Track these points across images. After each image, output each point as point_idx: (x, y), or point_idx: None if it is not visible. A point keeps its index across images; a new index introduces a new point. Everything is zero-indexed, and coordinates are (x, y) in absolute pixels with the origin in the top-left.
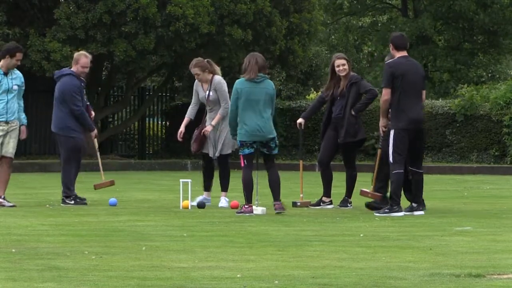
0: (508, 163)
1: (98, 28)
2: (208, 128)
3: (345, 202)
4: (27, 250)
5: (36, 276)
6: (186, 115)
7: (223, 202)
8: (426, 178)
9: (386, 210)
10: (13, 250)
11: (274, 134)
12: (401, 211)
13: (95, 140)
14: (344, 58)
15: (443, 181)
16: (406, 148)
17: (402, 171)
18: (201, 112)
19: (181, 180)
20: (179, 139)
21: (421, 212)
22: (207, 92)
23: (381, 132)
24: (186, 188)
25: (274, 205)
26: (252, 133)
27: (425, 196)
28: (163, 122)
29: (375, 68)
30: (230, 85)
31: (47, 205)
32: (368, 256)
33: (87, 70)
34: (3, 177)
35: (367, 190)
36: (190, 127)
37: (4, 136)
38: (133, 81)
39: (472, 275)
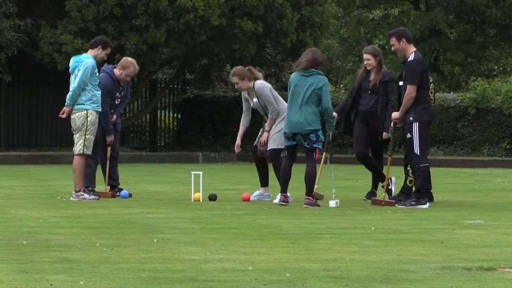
0: None
1: (109, 21)
2: (264, 136)
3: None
4: (38, 242)
5: (47, 268)
6: (240, 124)
7: (278, 198)
8: (438, 171)
9: (413, 203)
10: (24, 242)
11: (313, 127)
12: (427, 203)
13: (108, 148)
14: (370, 53)
15: (454, 174)
16: (428, 141)
17: (428, 164)
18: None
19: (192, 172)
20: (237, 151)
21: (426, 206)
22: (254, 100)
23: (394, 124)
24: (198, 181)
25: (305, 199)
26: (290, 125)
27: (436, 189)
28: (175, 115)
29: (385, 61)
30: None
31: (58, 197)
32: (379, 249)
33: (129, 79)
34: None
35: (380, 199)
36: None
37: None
38: (144, 73)
39: (483, 268)
